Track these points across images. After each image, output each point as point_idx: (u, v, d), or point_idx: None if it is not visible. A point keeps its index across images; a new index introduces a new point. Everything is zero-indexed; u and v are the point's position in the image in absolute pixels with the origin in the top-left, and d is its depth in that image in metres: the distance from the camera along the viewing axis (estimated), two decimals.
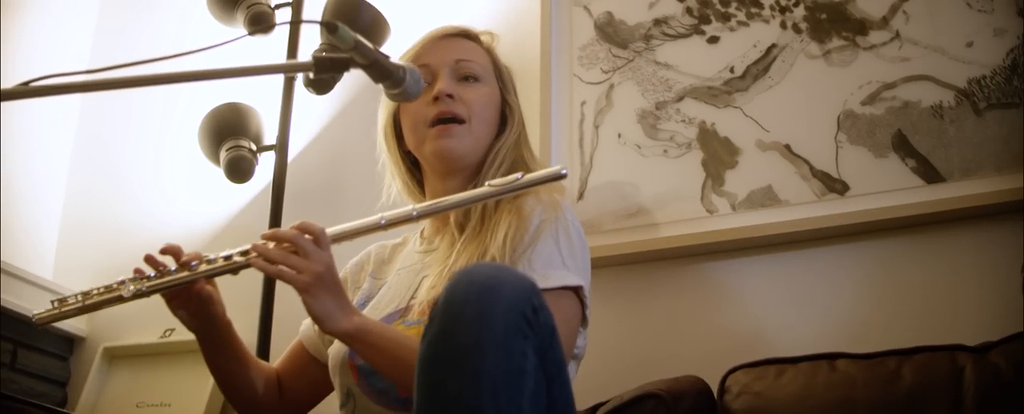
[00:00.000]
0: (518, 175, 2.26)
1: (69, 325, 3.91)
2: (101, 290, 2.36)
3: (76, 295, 2.38)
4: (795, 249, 2.99)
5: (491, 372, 1.75)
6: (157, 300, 2.39)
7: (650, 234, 3.13)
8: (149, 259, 2.36)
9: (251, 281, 3.40)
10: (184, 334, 2.87)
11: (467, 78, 2.69)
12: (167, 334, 3.71)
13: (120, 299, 2.33)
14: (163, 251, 2.37)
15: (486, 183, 2.28)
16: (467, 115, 2.63)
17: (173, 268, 2.36)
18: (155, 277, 2.34)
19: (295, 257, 2.20)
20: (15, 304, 3.71)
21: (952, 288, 2.80)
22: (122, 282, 2.33)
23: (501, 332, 1.77)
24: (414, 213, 2.29)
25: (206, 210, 3.99)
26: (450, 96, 2.62)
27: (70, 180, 4.33)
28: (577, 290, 2.43)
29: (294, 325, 2.76)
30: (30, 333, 3.80)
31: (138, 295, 2.33)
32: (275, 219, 3.53)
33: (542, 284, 2.30)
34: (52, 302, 2.38)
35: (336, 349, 2.50)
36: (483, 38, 2.81)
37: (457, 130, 2.61)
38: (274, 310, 3.45)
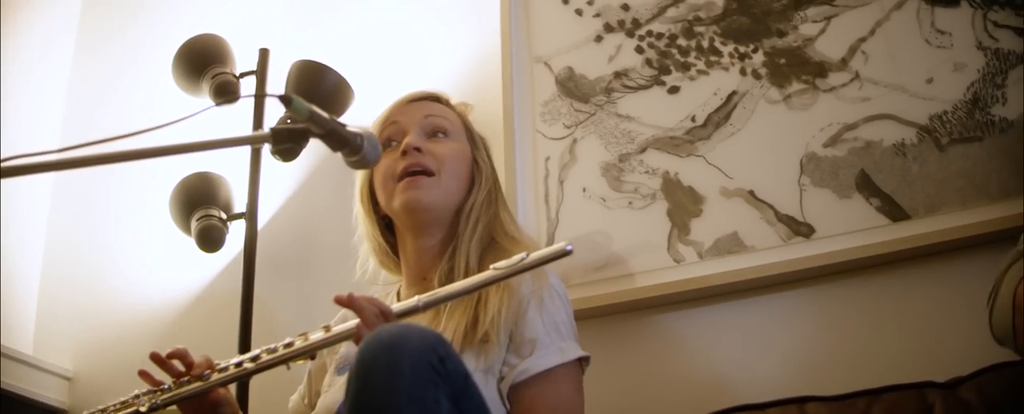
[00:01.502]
0: (523, 255, 2.24)
1: (51, 398, 3.92)
2: (117, 406, 2.35)
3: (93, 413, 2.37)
4: (763, 294, 2.99)
5: None
6: (136, 371, 2.39)
7: (618, 286, 3.13)
8: (156, 359, 2.37)
9: (229, 337, 3.43)
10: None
11: (436, 133, 2.73)
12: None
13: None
14: (170, 356, 2.37)
15: (491, 267, 2.26)
16: (437, 168, 2.66)
17: (181, 369, 2.37)
18: (169, 388, 2.35)
19: None
20: None
21: (921, 325, 2.80)
22: (137, 396, 2.34)
23: (410, 383, 1.82)
24: (420, 305, 2.25)
25: (182, 278, 3.99)
26: (418, 149, 2.65)
27: (47, 254, 4.33)
28: (583, 360, 2.50)
29: (272, 385, 2.76)
30: (13, 407, 3.79)
31: (154, 409, 2.32)
32: (247, 286, 3.53)
33: (561, 358, 2.41)
34: None
35: (322, 411, 2.52)
36: (455, 104, 2.85)
37: (425, 182, 2.64)
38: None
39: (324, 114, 2.01)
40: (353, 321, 2.24)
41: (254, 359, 2.29)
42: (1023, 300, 2.16)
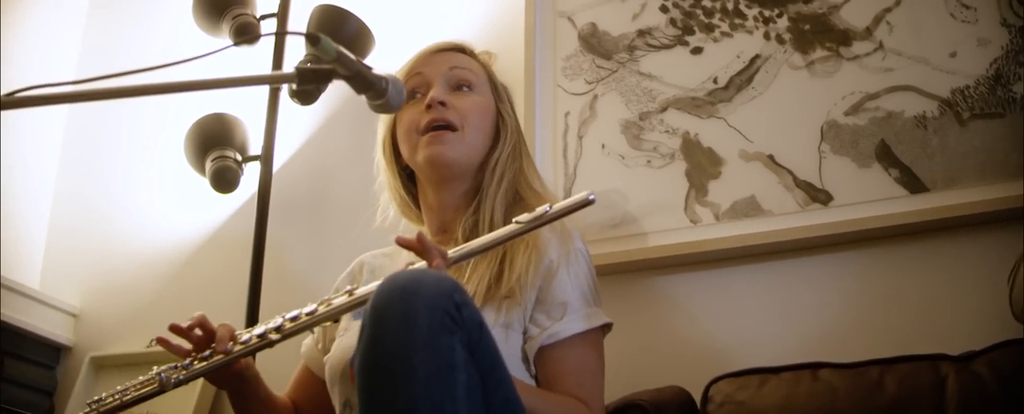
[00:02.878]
0: (546, 207, 2.24)
1: (56, 334, 3.92)
2: (137, 385, 2.34)
3: (113, 394, 2.35)
4: (778, 259, 2.99)
5: (421, 370, 1.78)
6: (143, 310, 2.38)
7: (634, 244, 3.14)
8: (175, 330, 2.35)
9: (239, 279, 3.42)
10: None
11: (461, 87, 2.71)
12: (153, 344, 3.71)
13: (161, 391, 2.30)
14: (191, 327, 2.36)
15: (513, 220, 2.26)
16: (460, 123, 2.64)
17: (200, 334, 2.36)
18: (190, 364, 2.32)
19: None
20: (2, 314, 3.71)
21: (935, 297, 2.80)
22: (158, 374, 2.30)
23: (426, 330, 1.81)
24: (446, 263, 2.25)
25: (193, 220, 4.00)
26: (442, 103, 2.63)
27: (57, 189, 4.34)
28: (605, 326, 2.52)
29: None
30: (17, 342, 3.79)
31: (178, 384, 2.29)
32: (260, 229, 3.54)
33: (589, 324, 2.44)
34: (88, 404, 2.37)
35: (335, 359, 2.51)
36: (479, 53, 2.83)
37: (449, 137, 2.62)
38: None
39: (351, 55, 1.99)
40: (375, 283, 2.23)
41: (278, 329, 2.27)
42: None
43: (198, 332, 2.36)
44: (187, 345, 2.37)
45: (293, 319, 2.27)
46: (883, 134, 2.97)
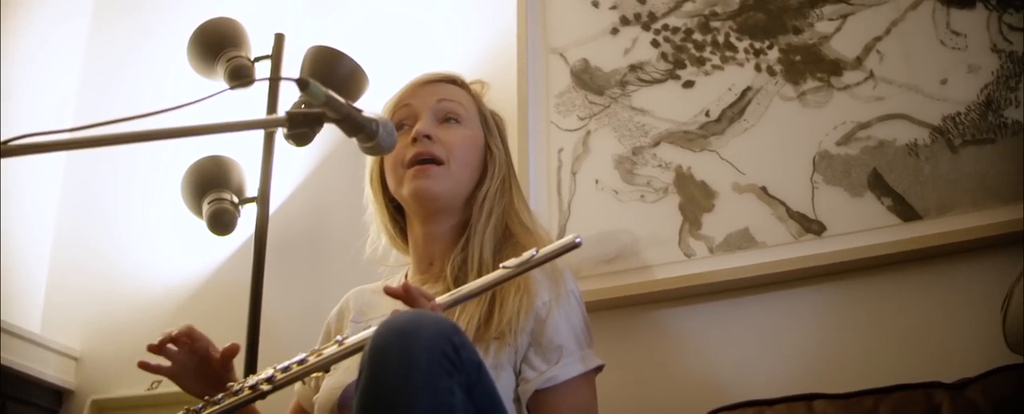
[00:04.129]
0: (533, 252, 2.25)
1: (58, 378, 3.93)
2: None
3: None
4: (773, 290, 2.98)
5: (420, 411, 1.79)
6: (144, 353, 2.41)
7: (628, 279, 3.13)
8: (152, 349, 2.45)
9: (238, 321, 3.42)
10: (171, 386, 2.85)
11: (449, 119, 2.71)
12: (154, 386, 3.71)
13: None
14: (163, 342, 2.46)
15: (500, 266, 2.27)
16: (446, 157, 2.64)
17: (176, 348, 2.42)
18: None
19: None
20: (3, 358, 3.71)
21: (930, 325, 2.79)
22: None
23: (424, 372, 1.82)
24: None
25: (191, 262, 4.00)
26: (428, 137, 2.63)
27: (57, 233, 4.34)
28: (599, 368, 2.53)
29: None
30: (19, 386, 3.79)
31: None
32: (257, 271, 3.54)
33: (584, 367, 2.44)
34: None
35: (323, 399, 2.51)
36: (470, 84, 2.83)
37: (434, 171, 2.62)
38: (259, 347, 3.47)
39: (340, 99, 2.00)
40: (365, 332, 2.23)
41: (269, 380, 2.29)
42: None
43: (172, 347, 2.46)
44: (167, 363, 2.46)
45: (284, 370, 2.28)
46: (875, 163, 2.97)
